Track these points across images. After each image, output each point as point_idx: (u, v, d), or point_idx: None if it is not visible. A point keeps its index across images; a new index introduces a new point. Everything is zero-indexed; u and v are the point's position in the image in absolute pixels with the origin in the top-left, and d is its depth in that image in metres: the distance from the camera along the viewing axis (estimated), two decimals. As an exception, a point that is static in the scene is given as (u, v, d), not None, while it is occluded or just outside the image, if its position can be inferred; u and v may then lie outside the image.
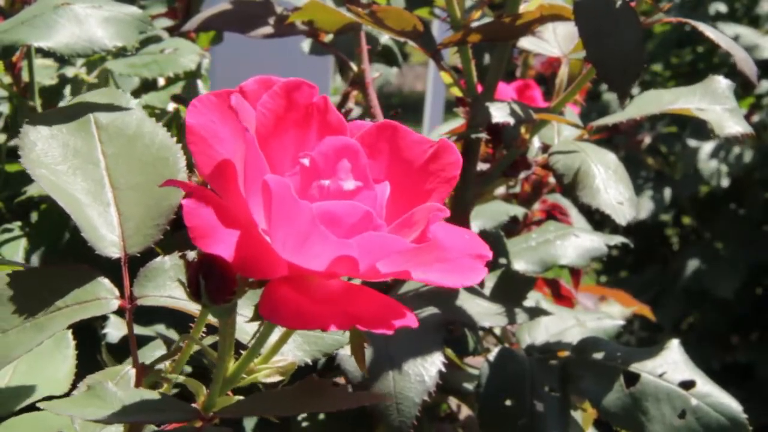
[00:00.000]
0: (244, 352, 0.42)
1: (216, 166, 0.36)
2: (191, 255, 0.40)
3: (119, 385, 0.42)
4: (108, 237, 0.49)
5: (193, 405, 0.43)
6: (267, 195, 0.35)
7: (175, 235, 0.51)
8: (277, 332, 0.42)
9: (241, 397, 0.43)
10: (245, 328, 0.44)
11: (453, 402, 0.79)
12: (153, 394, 0.42)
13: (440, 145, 0.40)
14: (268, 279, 0.36)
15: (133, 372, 0.47)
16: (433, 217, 0.37)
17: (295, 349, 0.48)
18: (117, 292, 0.48)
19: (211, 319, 0.44)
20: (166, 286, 0.49)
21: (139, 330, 0.66)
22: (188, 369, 0.60)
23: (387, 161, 0.40)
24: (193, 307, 0.47)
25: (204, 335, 0.45)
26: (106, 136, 0.53)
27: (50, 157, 0.50)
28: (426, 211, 0.37)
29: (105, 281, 0.48)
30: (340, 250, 0.35)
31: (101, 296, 0.47)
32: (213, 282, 0.38)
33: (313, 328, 0.34)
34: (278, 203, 0.35)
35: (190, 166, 0.51)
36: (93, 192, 0.50)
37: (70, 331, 0.57)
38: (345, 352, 0.55)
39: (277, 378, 0.43)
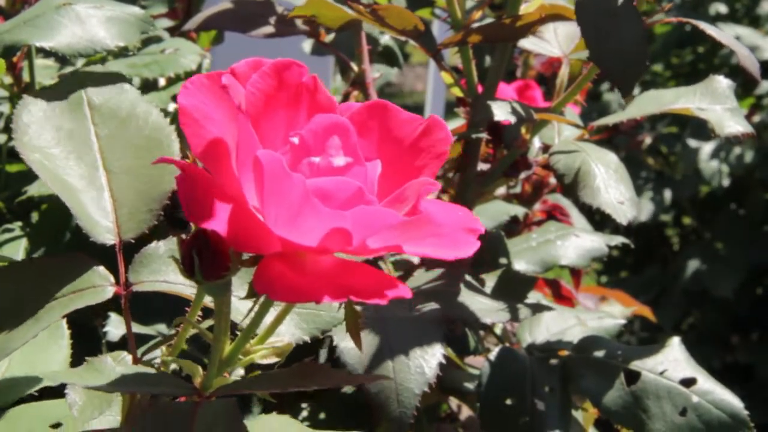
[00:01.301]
0: (239, 333, 0.42)
1: (207, 145, 0.36)
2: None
3: (118, 364, 0.42)
4: (102, 223, 0.49)
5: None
6: (259, 170, 0.35)
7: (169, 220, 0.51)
8: (273, 313, 0.42)
9: (238, 378, 0.43)
10: (241, 309, 0.44)
11: (454, 402, 0.79)
12: (149, 371, 0.43)
13: (430, 121, 0.41)
14: (261, 255, 0.36)
15: (129, 357, 0.48)
16: (423, 191, 0.37)
17: (293, 328, 0.48)
18: (112, 279, 0.48)
19: (207, 303, 0.44)
20: (162, 271, 0.49)
21: (139, 329, 0.66)
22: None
23: (377, 139, 0.40)
24: (189, 291, 0.47)
25: (200, 319, 0.45)
26: (99, 118, 0.53)
27: (43, 141, 0.50)
28: (417, 186, 0.37)
29: (100, 269, 0.48)
30: (332, 222, 0.35)
31: (97, 284, 0.47)
32: (206, 257, 0.38)
33: (307, 301, 0.35)
34: (270, 178, 0.35)
35: (183, 151, 0.51)
36: (87, 176, 0.50)
37: (65, 321, 0.57)
38: (345, 345, 0.55)
39: (273, 359, 0.43)
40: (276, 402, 0.67)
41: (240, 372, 0.57)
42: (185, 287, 0.48)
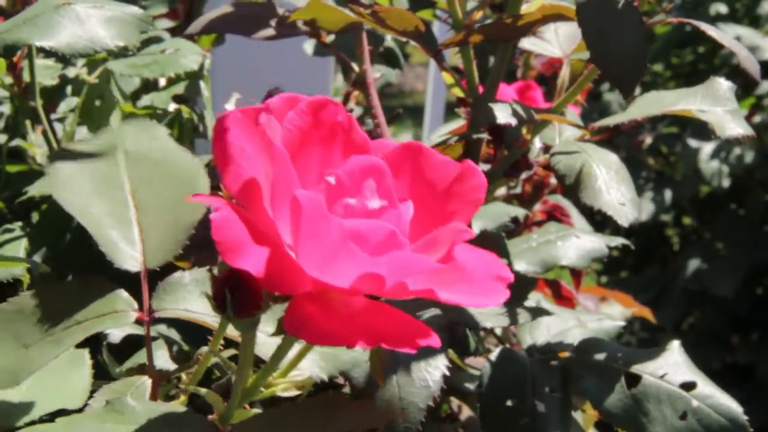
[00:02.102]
0: (261, 366, 0.42)
1: (245, 183, 0.36)
2: (215, 269, 0.40)
3: (135, 396, 0.42)
4: (128, 252, 0.49)
5: (210, 417, 0.43)
6: (296, 210, 0.35)
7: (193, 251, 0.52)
8: (295, 347, 0.42)
9: (259, 411, 0.43)
10: (263, 341, 0.44)
11: (454, 402, 0.79)
12: (169, 407, 0.43)
13: (465, 167, 0.41)
14: (292, 294, 0.37)
15: (149, 383, 0.48)
16: (457, 238, 0.37)
17: (312, 366, 0.48)
18: (135, 305, 0.48)
19: (230, 334, 0.44)
20: (185, 299, 0.50)
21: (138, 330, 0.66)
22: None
23: (410, 181, 0.41)
24: (210, 320, 0.48)
25: (222, 348, 0.46)
26: (132, 160, 0.54)
27: (76, 185, 0.52)
28: (450, 232, 0.38)
29: (123, 294, 0.48)
30: (368, 267, 0.35)
31: (119, 309, 0.48)
32: (239, 296, 0.38)
33: (339, 345, 0.35)
34: (308, 219, 0.35)
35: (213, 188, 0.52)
36: (116, 213, 0.51)
37: (87, 351, 0.57)
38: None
39: (294, 392, 0.43)
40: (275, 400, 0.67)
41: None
42: (209, 317, 0.49)
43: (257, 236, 0.35)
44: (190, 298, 0.49)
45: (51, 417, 0.53)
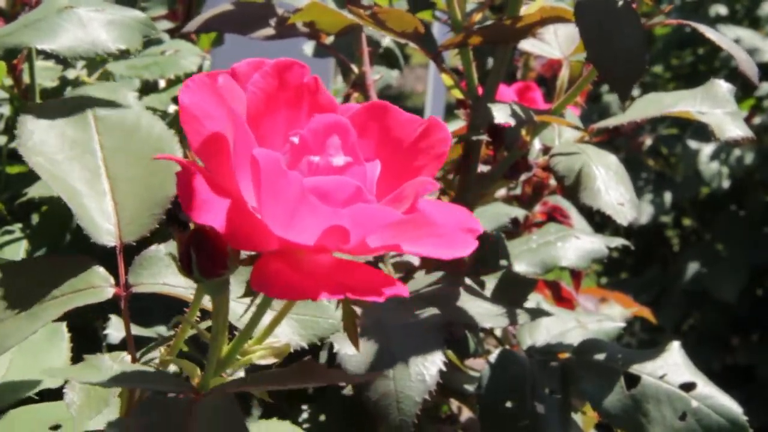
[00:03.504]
0: (237, 334, 0.42)
1: (206, 142, 0.36)
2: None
3: (116, 363, 0.42)
4: (104, 226, 0.49)
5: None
6: (255, 169, 0.35)
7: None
8: (271, 314, 0.42)
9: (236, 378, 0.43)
10: (239, 312, 0.44)
11: (454, 404, 0.79)
12: (147, 369, 0.43)
13: (429, 122, 0.41)
14: (258, 254, 0.36)
15: (128, 357, 0.48)
16: (422, 190, 0.37)
17: (291, 334, 0.48)
18: (112, 280, 0.48)
19: (206, 305, 0.44)
20: (162, 273, 0.50)
21: (140, 331, 0.66)
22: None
23: (377, 140, 0.41)
24: (188, 294, 0.48)
25: (199, 320, 0.45)
26: (104, 128, 0.53)
27: (48, 146, 0.51)
28: (415, 185, 0.37)
29: (100, 269, 0.48)
30: (330, 219, 0.35)
31: (96, 284, 0.47)
32: (204, 254, 0.38)
33: (304, 298, 0.35)
34: (267, 176, 0.35)
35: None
36: (89, 182, 0.50)
37: (65, 324, 0.57)
38: (346, 351, 0.55)
39: (271, 360, 0.43)
40: (276, 405, 0.67)
41: (240, 375, 0.57)
42: (185, 290, 0.49)
43: (221, 195, 0.35)
44: (167, 272, 0.49)
45: (38, 396, 0.54)
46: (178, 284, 0.49)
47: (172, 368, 0.47)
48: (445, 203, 0.40)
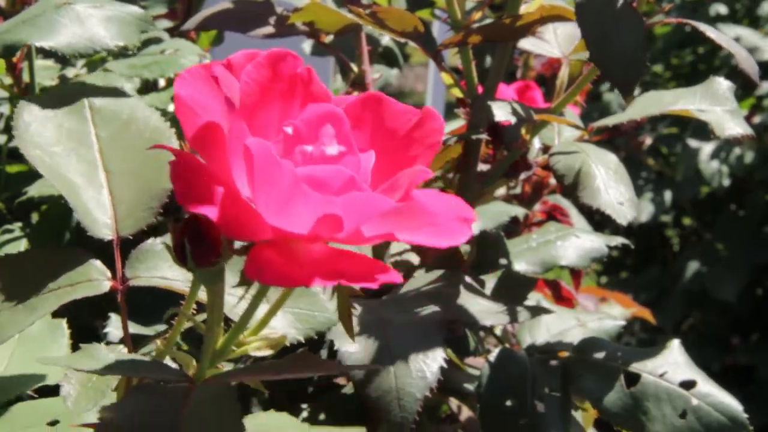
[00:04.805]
0: (233, 325, 0.42)
1: (200, 132, 0.36)
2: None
3: (112, 352, 0.42)
4: (101, 219, 0.49)
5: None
6: (248, 158, 0.35)
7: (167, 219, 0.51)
8: (266, 306, 0.42)
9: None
10: (235, 304, 0.44)
11: (454, 403, 0.78)
12: (143, 358, 0.43)
13: (423, 112, 0.41)
14: (253, 243, 0.36)
15: (125, 350, 0.48)
16: (416, 178, 0.37)
17: (287, 327, 0.48)
18: (108, 274, 0.48)
19: (202, 298, 0.44)
20: (158, 267, 0.50)
21: (139, 330, 0.66)
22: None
23: (372, 131, 0.40)
24: (185, 287, 0.48)
25: (195, 312, 0.45)
26: (100, 119, 0.53)
27: (44, 138, 0.51)
28: (409, 174, 0.37)
29: (96, 263, 0.48)
30: (323, 208, 0.35)
31: (93, 277, 0.47)
32: (198, 243, 0.38)
33: (297, 285, 0.35)
34: (259, 165, 0.35)
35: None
36: (86, 174, 0.50)
37: (65, 320, 0.57)
38: (346, 349, 0.55)
39: (267, 351, 0.43)
40: (275, 400, 0.67)
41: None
42: (181, 283, 0.49)
43: (216, 184, 0.35)
44: (164, 265, 0.49)
45: (37, 393, 0.54)
46: (174, 277, 0.49)
47: (168, 360, 0.47)
48: (439, 192, 0.40)
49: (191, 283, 0.44)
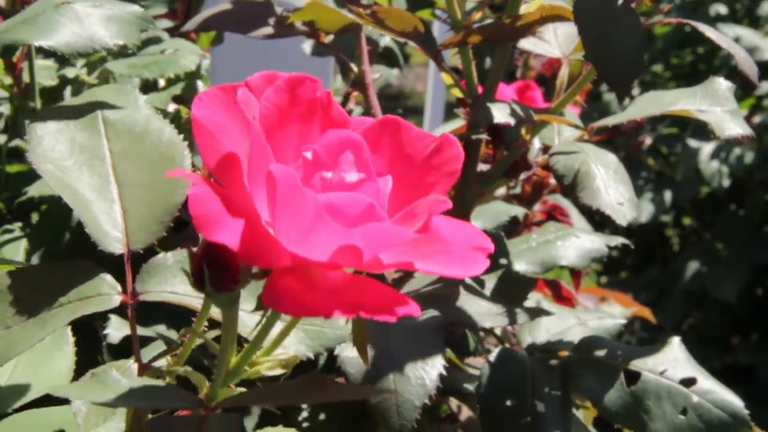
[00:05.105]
0: (246, 345, 0.42)
1: (221, 158, 0.36)
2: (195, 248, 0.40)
3: (123, 375, 0.42)
4: (111, 233, 0.49)
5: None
6: (271, 185, 0.35)
7: (177, 234, 0.51)
8: (279, 325, 0.42)
9: (244, 389, 0.43)
10: (247, 322, 0.44)
11: (453, 403, 0.78)
12: (156, 383, 0.43)
13: (442, 139, 0.41)
14: (271, 269, 0.36)
15: (135, 366, 0.48)
16: (434, 208, 0.37)
17: (298, 344, 0.48)
18: (119, 288, 0.48)
19: (213, 314, 0.44)
20: (168, 282, 0.49)
21: (139, 330, 0.66)
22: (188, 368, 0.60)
23: (389, 156, 0.41)
24: (195, 302, 0.48)
25: (206, 329, 0.45)
26: (113, 133, 0.53)
27: (57, 153, 0.51)
28: (428, 203, 0.38)
29: (107, 277, 0.48)
30: (343, 239, 0.35)
31: (103, 292, 0.47)
32: (217, 271, 0.38)
33: (316, 315, 0.35)
34: (282, 192, 0.35)
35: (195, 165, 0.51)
36: (98, 188, 0.50)
37: (69, 327, 0.57)
38: (347, 354, 0.55)
39: (279, 371, 0.43)
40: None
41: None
42: (191, 298, 0.48)
43: (235, 212, 0.35)
44: (175, 280, 0.49)
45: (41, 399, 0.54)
46: (185, 293, 0.49)
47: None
48: (455, 220, 0.40)
49: (203, 301, 0.44)
